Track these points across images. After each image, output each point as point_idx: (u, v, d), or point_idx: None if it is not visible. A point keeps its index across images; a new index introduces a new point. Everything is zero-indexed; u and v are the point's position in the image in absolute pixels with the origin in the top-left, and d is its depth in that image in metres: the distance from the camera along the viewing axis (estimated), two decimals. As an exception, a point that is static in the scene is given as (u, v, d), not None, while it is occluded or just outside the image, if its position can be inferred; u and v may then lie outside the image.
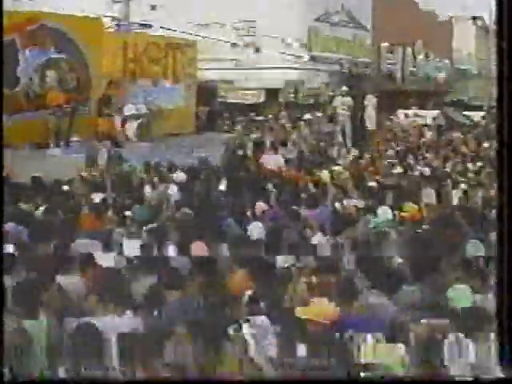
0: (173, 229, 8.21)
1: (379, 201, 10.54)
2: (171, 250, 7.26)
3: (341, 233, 8.50)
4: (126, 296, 5.77)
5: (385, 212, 9.48)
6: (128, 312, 5.46)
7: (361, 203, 10.32)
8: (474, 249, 7.37)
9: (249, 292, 5.96)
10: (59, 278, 6.18)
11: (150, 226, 8.12)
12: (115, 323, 5.21)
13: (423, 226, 9.26)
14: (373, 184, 12.90)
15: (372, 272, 6.40)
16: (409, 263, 6.94)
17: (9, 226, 7.63)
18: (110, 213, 9.12)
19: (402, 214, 9.89)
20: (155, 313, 5.71)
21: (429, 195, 12.13)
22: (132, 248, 7.07)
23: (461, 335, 4.74)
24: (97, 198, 10.20)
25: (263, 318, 5.03)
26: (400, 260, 7.20)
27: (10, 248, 6.85)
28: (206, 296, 5.89)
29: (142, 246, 7.19)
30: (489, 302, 5.59)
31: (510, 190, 3.81)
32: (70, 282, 6.21)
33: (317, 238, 8.04)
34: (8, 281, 5.69)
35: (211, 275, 6.46)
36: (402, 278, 6.36)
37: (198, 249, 7.26)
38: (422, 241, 8.00)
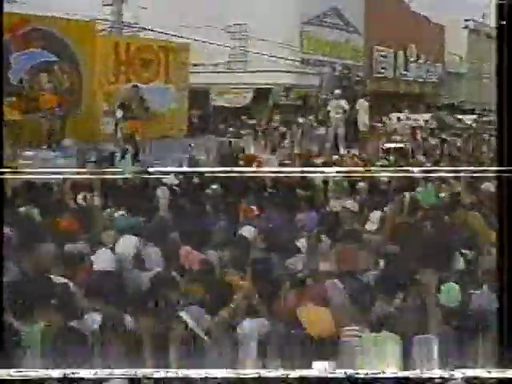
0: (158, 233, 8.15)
1: (371, 203, 10.51)
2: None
3: (335, 235, 8.44)
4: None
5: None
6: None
7: (354, 206, 10.26)
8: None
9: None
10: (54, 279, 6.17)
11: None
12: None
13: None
14: (365, 186, 12.86)
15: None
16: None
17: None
18: (99, 215, 9.07)
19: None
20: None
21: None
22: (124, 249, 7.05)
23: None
24: (86, 200, 10.15)
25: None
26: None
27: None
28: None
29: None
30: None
31: (509, 188, 3.81)
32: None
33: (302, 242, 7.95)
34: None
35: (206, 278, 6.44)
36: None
37: (187, 254, 7.23)
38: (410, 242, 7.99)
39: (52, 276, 6.20)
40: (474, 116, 37.39)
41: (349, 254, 7.22)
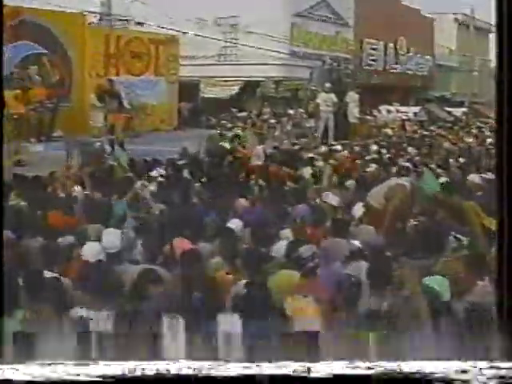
0: (151, 225, 8.16)
1: (359, 196, 10.55)
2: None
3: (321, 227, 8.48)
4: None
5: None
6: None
7: (339, 200, 10.26)
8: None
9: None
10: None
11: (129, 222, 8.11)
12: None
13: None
14: (354, 179, 12.91)
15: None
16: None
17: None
18: (88, 208, 9.07)
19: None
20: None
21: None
22: (111, 242, 7.06)
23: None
24: (76, 193, 10.17)
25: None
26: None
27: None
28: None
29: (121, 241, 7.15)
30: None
31: (509, 184, 3.84)
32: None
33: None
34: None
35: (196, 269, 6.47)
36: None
37: (182, 245, 7.25)
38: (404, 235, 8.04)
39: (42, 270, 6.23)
40: (464, 109, 37.52)
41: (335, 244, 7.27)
